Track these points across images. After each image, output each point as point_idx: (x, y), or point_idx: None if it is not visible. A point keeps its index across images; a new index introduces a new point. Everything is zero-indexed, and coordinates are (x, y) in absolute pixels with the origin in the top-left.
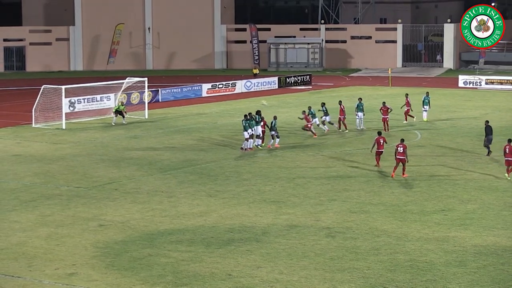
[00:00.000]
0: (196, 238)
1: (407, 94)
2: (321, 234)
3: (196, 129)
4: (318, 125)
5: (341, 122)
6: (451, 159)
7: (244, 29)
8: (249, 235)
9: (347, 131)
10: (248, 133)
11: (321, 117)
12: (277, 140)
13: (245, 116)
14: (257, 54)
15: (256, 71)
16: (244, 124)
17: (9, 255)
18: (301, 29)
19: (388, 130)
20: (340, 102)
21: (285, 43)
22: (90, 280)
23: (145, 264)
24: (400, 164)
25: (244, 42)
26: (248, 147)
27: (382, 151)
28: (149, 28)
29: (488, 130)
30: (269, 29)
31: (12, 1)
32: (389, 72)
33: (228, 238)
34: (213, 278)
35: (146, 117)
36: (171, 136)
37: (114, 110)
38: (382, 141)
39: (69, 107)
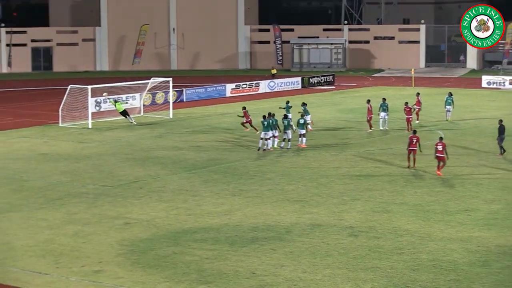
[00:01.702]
0: (220, 236)
1: (418, 93)
2: (344, 233)
3: (220, 129)
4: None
5: (369, 121)
6: (474, 159)
7: (268, 30)
8: (273, 234)
9: (371, 130)
10: (266, 134)
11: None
12: (303, 140)
13: (264, 116)
14: (280, 54)
15: (274, 71)
16: (264, 124)
17: (36, 252)
18: (324, 29)
19: (409, 130)
20: (368, 101)
21: (308, 44)
22: (116, 277)
23: (169, 262)
24: (440, 162)
25: (268, 42)
26: (267, 147)
27: (413, 149)
28: (173, 29)
29: (501, 129)
30: (292, 30)
31: (39, 3)
32: (412, 73)
33: (252, 237)
34: (237, 276)
35: (171, 116)
36: (196, 135)
37: (119, 111)
38: (415, 140)
39: (95, 107)
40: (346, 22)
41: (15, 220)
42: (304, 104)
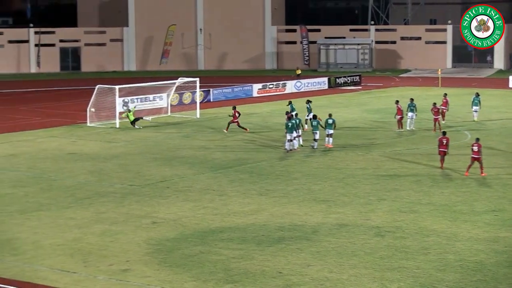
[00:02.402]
0: (247, 236)
1: (445, 94)
2: (371, 233)
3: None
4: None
5: (399, 122)
6: (501, 159)
7: (295, 30)
8: (299, 233)
9: (403, 130)
10: (291, 135)
11: (306, 115)
12: (330, 140)
13: (288, 118)
14: (307, 55)
15: (298, 71)
16: (289, 126)
17: (65, 251)
18: (351, 30)
19: (436, 130)
20: (397, 102)
21: (335, 44)
22: (143, 276)
23: (196, 261)
24: (476, 163)
25: (294, 43)
26: (293, 147)
27: (444, 151)
28: (200, 29)
29: None
30: (319, 30)
31: (68, 3)
32: (439, 73)
33: (279, 237)
34: (264, 275)
35: (198, 116)
36: (222, 135)
37: (131, 119)
38: (445, 141)
39: (122, 107)
40: (372, 22)
41: (43, 219)
42: (308, 102)
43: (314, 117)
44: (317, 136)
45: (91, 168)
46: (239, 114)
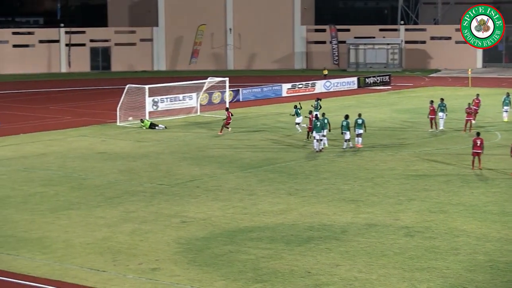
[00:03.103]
0: (276, 235)
1: (477, 94)
2: (400, 233)
3: (276, 129)
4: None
5: (432, 121)
6: None
7: (324, 30)
8: (328, 233)
9: (437, 130)
10: (319, 135)
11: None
12: (359, 140)
13: (317, 117)
14: (336, 54)
15: (325, 72)
16: (317, 125)
17: (94, 250)
18: (380, 29)
19: (468, 131)
20: (431, 102)
21: (365, 44)
22: (172, 275)
23: (226, 260)
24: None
25: (324, 42)
26: (321, 147)
27: (478, 152)
28: (230, 29)
29: None
30: (348, 30)
31: (98, 3)
32: (469, 73)
33: (308, 236)
34: (293, 275)
35: None
36: (252, 135)
37: (147, 128)
38: (479, 142)
39: (152, 106)
40: (402, 22)
41: (74, 217)
42: (318, 99)
43: (346, 117)
44: (347, 136)
45: (121, 167)
46: (232, 115)
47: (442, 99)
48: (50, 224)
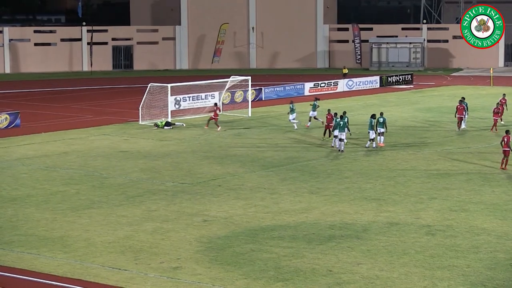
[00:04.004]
0: (297, 234)
1: (504, 94)
2: (421, 232)
3: (299, 127)
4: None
5: (460, 121)
6: None
7: (347, 29)
8: (350, 232)
9: (459, 129)
10: (342, 134)
11: (310, 112)
12: (381, 138)
13: (340, 116)
14: (359, 53)
15: (345, 70)
16: (340, 124)
17: (116, 249)
18: (403, 28)
19: (495, 130)
20: (460, 101)
21: (387, 43)
22: (194, 274)
23: (247, 259)
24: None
25: (346, 41)
26: (342, 149)
27: (506, 150)
28: (253, 28)
29: None
30: (371, 29)
31: (120, 1)
32: (491, 72)
33: (329, 235)
34: (314, 273)
35: (250, 115)
36: (274, 134)
37: (162, 126)
38: (506, 139)
39: (174, 105)
40: (425, 21)
41: (95, 216)
42: (316, 99)
43: (373, 116)
44: (372, 136)
45: (142, 166)
46: (220, 112)
47: (463, 98)
48: (71, 223)
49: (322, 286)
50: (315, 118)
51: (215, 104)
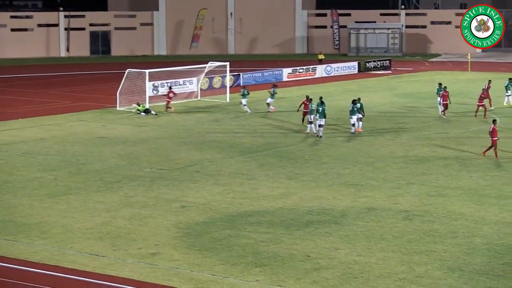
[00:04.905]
0: (275, 220)
1: (489, 81)
2: (399, 217)
3: (276, 113)
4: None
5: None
6: None
7: (325, 15)
8: (328, 217)
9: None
10: (321, 120)
11: (268, 99)
12: (360, 124)
13: (322, 102)
14: (337, 39)
15: (321, 56)
16: (319, 110)
17: (94, 235)
18: (381, 14)
19: (484, 117)
20: (444, 88)
21: (365, 28)
22: (172, 260)
23: (225, 245)
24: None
25: (325, 27)
26: (320, 134)
27: (494, 139)
28: (231, 14)
29: None
30: (349, 15)
31: None
32: (469, 57)
33: (307, 220)
34: (292, 259)
35: (228, 101)
36: (252, 119)
37: (142, 111)
38: (491, 129)
39: (152, 91)
40: (403, 7)
41: (73, 202)
42: (274, 86)
43: (354, 102)
44: (352, 121)
45: (120, 152)
46: (174, 95)
47: (440, 84)
48: (48, 209)
49: (300, 271)
50: (267, 104)
51: (170, 87)
